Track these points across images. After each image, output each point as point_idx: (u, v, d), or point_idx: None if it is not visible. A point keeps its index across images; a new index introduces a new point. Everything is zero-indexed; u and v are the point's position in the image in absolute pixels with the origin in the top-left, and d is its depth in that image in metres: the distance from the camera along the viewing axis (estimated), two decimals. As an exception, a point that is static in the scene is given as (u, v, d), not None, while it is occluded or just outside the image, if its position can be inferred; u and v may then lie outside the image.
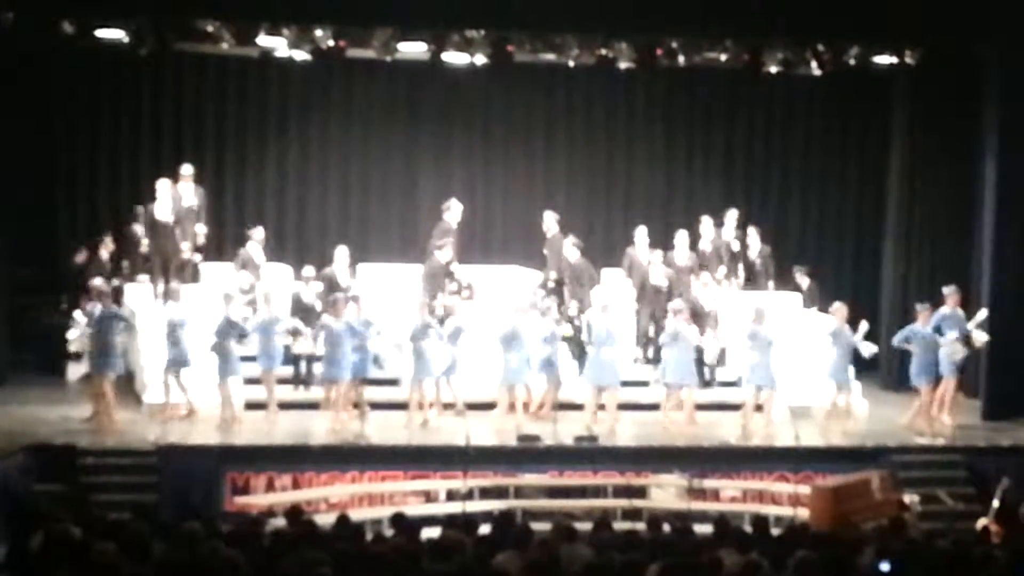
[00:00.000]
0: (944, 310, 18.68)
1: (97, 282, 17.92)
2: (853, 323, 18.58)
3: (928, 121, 21.10)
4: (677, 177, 22.92)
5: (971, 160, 20.40)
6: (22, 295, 20.25)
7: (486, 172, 21.33)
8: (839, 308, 18.66)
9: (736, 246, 20.82)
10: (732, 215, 20.96)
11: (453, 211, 19.87)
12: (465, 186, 21.57)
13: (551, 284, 20.04)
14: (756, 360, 18.24)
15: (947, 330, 18.53)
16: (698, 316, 18.99)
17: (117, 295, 18.72)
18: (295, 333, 18.22)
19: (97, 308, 17.23)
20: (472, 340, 18.37)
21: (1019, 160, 19.37)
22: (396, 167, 22.20)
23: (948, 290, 18.85)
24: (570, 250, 19.97)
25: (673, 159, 22.92)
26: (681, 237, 20.22)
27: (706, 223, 20.66)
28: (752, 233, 20.91)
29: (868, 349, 18.68)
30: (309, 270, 19.14)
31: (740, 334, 18.66)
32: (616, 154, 22.77)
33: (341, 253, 19.24)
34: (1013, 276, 19.41)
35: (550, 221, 20.46)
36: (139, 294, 19.27)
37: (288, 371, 18.60)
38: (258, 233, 19.54)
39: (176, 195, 19.57)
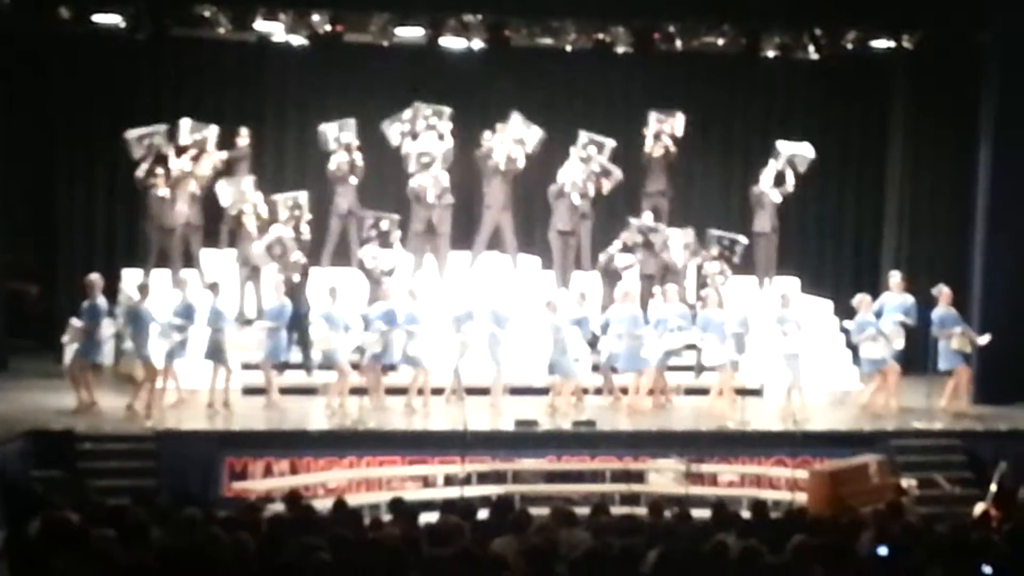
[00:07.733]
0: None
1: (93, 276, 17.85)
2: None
3: (927, 106, 21.09)
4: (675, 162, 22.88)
5: (970, 145, 20.37)
6: (20, 280, 20.24)
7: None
8: (863, 298, 18.75)
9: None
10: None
11: None
12: (463, 173, 21.50)
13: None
14: (781, 345, 18.23)
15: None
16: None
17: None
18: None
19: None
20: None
21: (1015, 145, 19.38)
22: (393, 151, 22.13)
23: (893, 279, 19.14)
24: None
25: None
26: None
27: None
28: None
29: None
30: (298, 255, 19.09)
31: (767, 319, 18.58)
32: (613, 139, 22.68)
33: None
34: (1007, 260, 19.42)
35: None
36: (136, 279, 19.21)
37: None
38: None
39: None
